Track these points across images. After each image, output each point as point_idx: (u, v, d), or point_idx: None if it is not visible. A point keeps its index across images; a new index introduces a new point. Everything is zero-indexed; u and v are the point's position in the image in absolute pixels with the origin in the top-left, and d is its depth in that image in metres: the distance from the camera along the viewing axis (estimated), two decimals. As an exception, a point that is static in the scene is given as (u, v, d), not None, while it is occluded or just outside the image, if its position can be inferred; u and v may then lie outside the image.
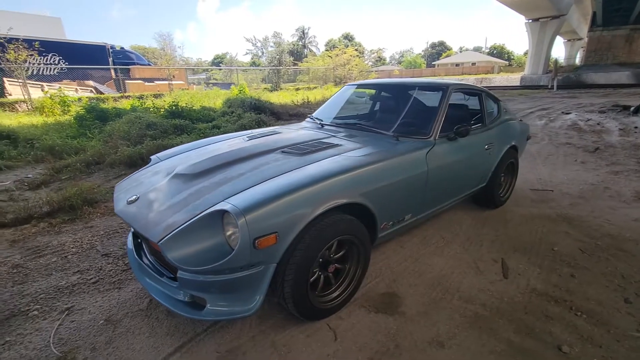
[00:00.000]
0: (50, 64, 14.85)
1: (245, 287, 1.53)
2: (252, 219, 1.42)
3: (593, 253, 2.49)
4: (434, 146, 2.30)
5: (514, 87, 23.21)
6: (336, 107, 3.11)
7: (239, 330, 1.76)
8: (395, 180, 1.98)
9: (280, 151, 2.12)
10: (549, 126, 7.29)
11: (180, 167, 2.00)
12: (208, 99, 10.67)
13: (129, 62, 17.95)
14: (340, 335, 1.72)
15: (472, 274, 2.25)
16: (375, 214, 1.91)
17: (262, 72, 24.15)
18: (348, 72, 26.86)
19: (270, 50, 45.59)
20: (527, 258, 2.44)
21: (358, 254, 1.91)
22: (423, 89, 2.79)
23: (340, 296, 1.86)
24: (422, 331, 1.75)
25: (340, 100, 3.19)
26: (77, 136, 5.92)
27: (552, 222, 3.01)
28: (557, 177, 4.20)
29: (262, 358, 1.58)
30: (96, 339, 1.73)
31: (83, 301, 2.03)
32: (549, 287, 2.10)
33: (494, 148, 2.91)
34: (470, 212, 3.24)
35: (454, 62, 54.85)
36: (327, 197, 1.63)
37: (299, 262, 1.57)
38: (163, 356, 1.61)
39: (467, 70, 47.27)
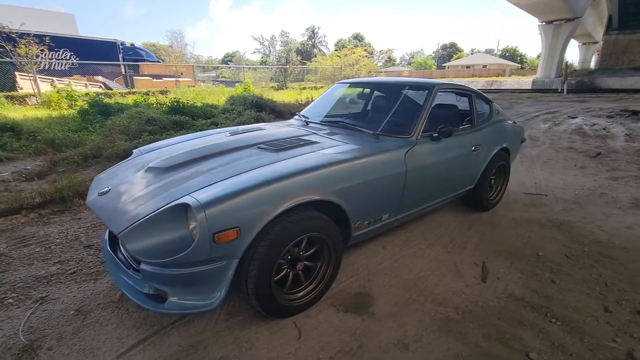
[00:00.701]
0: (61, 59, 15.17)
1: (207, 281, 1.53)
2: (212, 214, 1.41)
3: (578, 259, 2.43)
4: (414, 146, 2.26)
5: (524, 90, 22.85)
6: (324, 105, 3.09)
7: (205, 325, 1.76)
8: (370, 179, 1.96)
9: (257, 147, 2.11)
10: (552, 130, 7.15)
11: (154, 160, 2.01)
12: (212, 96, 10.73)
13: (138, 59, 18.19)
14: (305, 333, 1.71)
15: (450, 277, 2.21)
16: (348, 212, 1.89)
17: (270, 71, 24.22)
18: (356, 72, 26.82)
19: (278, 49, 45.74)
20: (509, 262, 2.39)
21: (329, 253, 1.89)
22: (410, 88, 2.76)
23: (309, 295, 1.85)
24: (388, 332, 1.72)
25: (329, 98, 3.17)
26: (79, 130, 6.01)
27: (541, 227, 2.94)
28: (553, 181, 4.11)
29: (222, 353, 1.58)
30: (64, 328, 1.75)
31: (58, 291, 2.06)
32: (526, 293, 2.05)
33: (482, 149, 2.86)
34: (459, 214, 3.19)
35: (465, 64, 54.26)
36: (293, 194, 1.62)
37: (262, 258, 1.57)
38: (126, 348, 1.62)
39: (478, 73, 46.73)
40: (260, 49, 46.88)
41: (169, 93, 11.79)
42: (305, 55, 43.06)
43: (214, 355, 1.56)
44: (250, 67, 30.99)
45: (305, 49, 47.45)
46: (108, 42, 16.87)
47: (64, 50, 15.07)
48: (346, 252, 2.45)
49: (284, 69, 21.33)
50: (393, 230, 2.77)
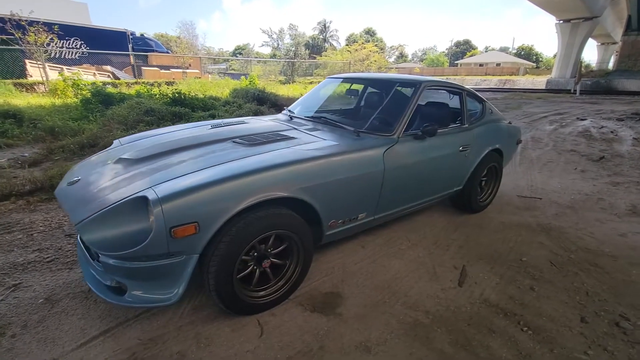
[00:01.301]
0: (72, 47, 15.32)
1: (166, 276, 1.52)
2: (169, 208, 1.39)
3: (563, 267, 2.35)
4: (395, 144, 2.21)
5: (537, 90, 22.37)
6: (312, 100, 3.04)
7: (169, 319, 1.75)
8: (344, 177, 1.92)
9: (232, 141, 2.08)
10: (557, 132, 6.97)
11: (127, 152, 1.99)
12: (217, 88, 10.74)
13: (147, 49, 18.29)
14: (267, 332, 1.69)
15: (426, 279, 2.17)
16: (319, 211, 1.85)
17: (278, 65, 24.12)
18: (366, 67, 26.56)
19: (286, 42, 45.53)
20: (490, 267, 2.33)
21: (298, 251, 1.86)
22: (397, 85, 2.69)
23: (276, 293, 1.82)
24: (352, 334, 1.69)
25: (318, 94, 3.12)
26: (80, 119, 6.07)
27: (530, 231, 2.86)
28: (550, 185, 4.00)
29: (180, 349, 1.57)
30: (30, 316, 1.76)
31: (32, 279, 2.07)
32: (502, 299, 1.99)
33: (471, 150, 2.79)
34: (447, 215, 3.13)
35: (478, 62, 53.28)
36: (258, 190, 1.59)
37: (222, 254, 1.54)
38: (86, 339, 1.62)
39: (491, 71, 45.83)
40: (269, 42, 46.78)
41: (175, 84, 11.84)
42: (315, 50, 42.81)
43: (171, 351, 1.55)
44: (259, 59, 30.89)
45: (316, 43, 47.12)
46: (118, 32, 16.99)
47: (74, 39, 15.21)
48: (323, 250, 2.42)
49: (292, 63, 21.19)
50: (375, 230, 2.73)
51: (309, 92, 3.19)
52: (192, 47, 40.47)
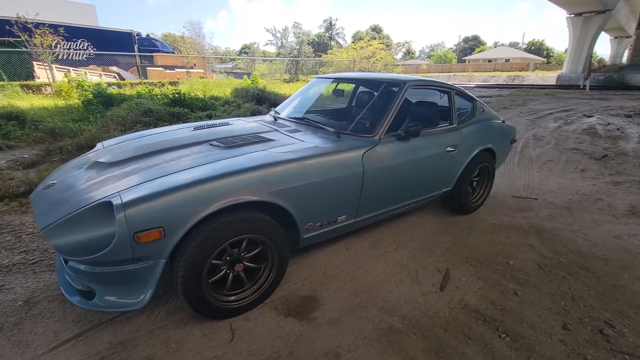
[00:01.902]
0: (79, 49, 15.55)
1: (134, 281, 1.51)
2: (132, 214, 1.39)
3: (551, 270, 2.29)
4: (375, 145, 2.17)
5: (546, 86, 21.92)
6: (299, 101, 3.01)
7: (142, 323, 1.75)
8: (320, 180, 1.89)
9: (209, 143, 2.07)
10: (561, 129, 6.81)
11: (104, 155, 2.00)
12: (219, 87, 10.77)
13: (153, 50, 18.46)
14: (238, 337, 1.68)
15: (407, 283, 2.13)
16: (293, 214, 1.83)
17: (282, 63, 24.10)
18: (372, 65, 26.38)
19: (290, 41, 45.48)
20: (475, 270, 2.28)
21: (272, 255, 1.84)
22: (381, 85, 2.64)
23: (248, 297, 1.81)
24: (324, 340, 1.67)
25: (306, 94, 3.09)
26: (80, 120, 6.14)
27: (521, 233, 2.80)
28: (548, 184, 3.91)
29: (149, 353, 1.56)
30: (8, 319, 1.77)
31: (15, 281, 2.10)
32: (483, 304, 1.95)
33: (460, 150, 2.73)
34: (437, 216, 3.07)
35: (486, 58, 52.49)
36: (226, 195, 1.57)
37: (189, 259, 1.53)
38: (58, 342, 1.63)
39: (500, 67, 45.09)
40: (273, 41, 46.77)
41: (178, 84, 11.92)
42: (321, 48, 42.66)
43: (140, 355, 1.55)
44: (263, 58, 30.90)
45: (322, 40, 46.96)
46: (124, 33, 17.17)
47: (81, 40, 15.42)
48: (307, 252, 2.40)
49: (296, 61, 21.16)
50: (362, 231, 2.70)
51: (296, 92, 3.16)
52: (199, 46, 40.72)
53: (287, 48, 42.78)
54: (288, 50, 41.73)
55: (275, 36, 46.36)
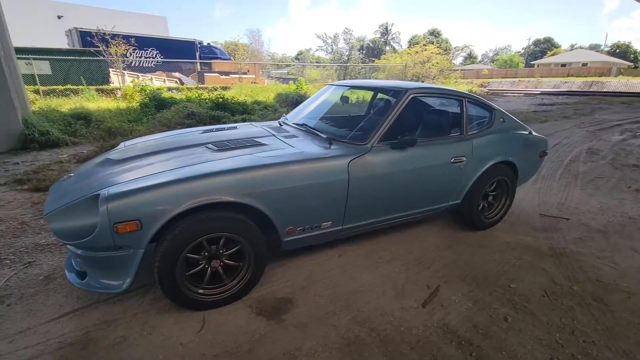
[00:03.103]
0: (149, 57, 17.33)
1: (117, 267, 1.69)
2: (114, 206, 1.56)
3: (558, 298, 2.07)
4: (365, 153, 2.15)
5: (627, 93, 19.37)
6: (309, 107, 3.07)
7: (130, 305, 1.93)
8: (300, 185, 1.93)
9: (205, 146, 2.22)
10: (625, 143, 6.00)
11: (115, 154, 2.24)
12: (265, 92, 11.26)
13: (212, 57, 19.86)
14: (206, 328, 1.78)
15: (390, 296, 2.07)
16: (271, 217, 1.89)
17: (332, 69, 24.38)
18: (427, 70, 25.61)
19: (340, 46, 45.75)
20: (469, 290, 2.14)
21: (249, 255, 1.92)
22: (385, 91, 2.61)
23: (223, 293, 1.90)
24: (286, 342, 1.70)
25: (317, 100, 3.14)
26: (135, 120, 6.86)
27: (537, 255, 2.55)
28: (588, 204, 3.50)
29: (125, 333, 1.73)
30: (28, 290, 2.07)
31: (45, 259, 2.43)
32: (464, 326, 1.83)
33: (469, 161, 2.58)
34: (445, 230, 2.93)
35: (560, 62, 47.91)
36: (201, 194, 1.68)
37: (164, 251, 1.67)
38: (59, 314, 1.86)
39: (575, 72, 40.80)
40: (323, 47, 47.50)
41: (229, 89, 12.70)
42: (375, 53, 42.35)
43: (117, 334, 1.72)
44: (314, 64, 31.47)
45: (377, 46, 46.60)
46: (188, 42, 18.74)
47: (151, 49, 17.18)
48: (296, 255, 2.45)
49: (345, 67, 21.29)
50: (360, 239, 2.68)
51: (309, 99, 3.23)
52: (257, 53, 42.81)
53: (337, 54, 43.23)
54: (337, 56, 42.15)
55: (325, 42, 47.11)
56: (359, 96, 5.42)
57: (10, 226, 2.89)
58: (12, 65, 5.62)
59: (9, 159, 4.81)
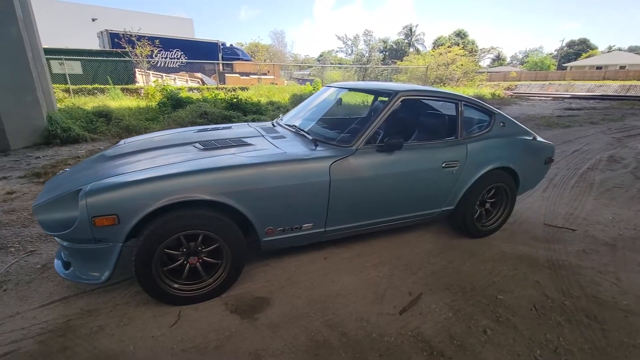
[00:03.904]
0: (173, 58, 17.90)
1: (97, 259, 1.76)
2: (92, 201, 1.63)
3: (546, 313, 1.97)
4: (348, 156, 2.13)
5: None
6: (304, 109, 3.08)
7: (112, 297, 2.00)
8: (278, 185, 1.93)
9: (193, 145, 2.27)
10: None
11: (110, 150, 2.34)
12: (282, 93, 11.38)
13: (234, 58, 20.28)
14: (180, 323, 1.82)
15: (368, 301, 2.04)
16: (249, 216, 1.91)
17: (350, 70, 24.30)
18: (451, 72, 25.09)
19: (360, 48, 45.50)
20: (452, 299, 2.08)
21: (226, 253, 1.94)
22: (376, 93, 2.57)
23: (200, 289, 1.94)
24: (254, 341, 1.71)
25: (313, 102, 3.14)
26: (152, 119, 7.10)
27: (532, 266, 2.44)
28: (600, 215, 3.30)
29: (103, 323, 1.79)
30: (24, 277, 2.19)
31: (46, 248, 2.57)
32: (439, 337, 1.78)
33: (463, 166, 2.50)
34: (439, 236, 2.85)
35: (595, 65, 45.56)
36: (178, 192, 1.72)
37: (141, 246, 1.72)
38: (48, 301, 1.96)
39: (612, 75, 38.60)
40: (343, 48, 47.42)
41: (247, 89, 12.92)
42: (398, 54, 41.84)
43: (95, 323, 1.79)
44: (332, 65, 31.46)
45: (400, 47, 46.02)
46: (211, 43, 19.22)
47: (175, 50, 17.74)
48: (280, 256, 2.46)
49: (365, 69, 21.17)
50: (348, 242, 2.66)
51: (306, 100, 3.24)
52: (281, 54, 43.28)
53: (357, 55, 43.02)
54: (357, 57, 41.94)
55: (345, 44, 47.04)
56: (365, 99, 5.38)
57: (20, 216, 3.07)
58: (40, 66, 5.96)
59: (32, 153, 5.11)
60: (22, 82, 5.21)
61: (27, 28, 5.62)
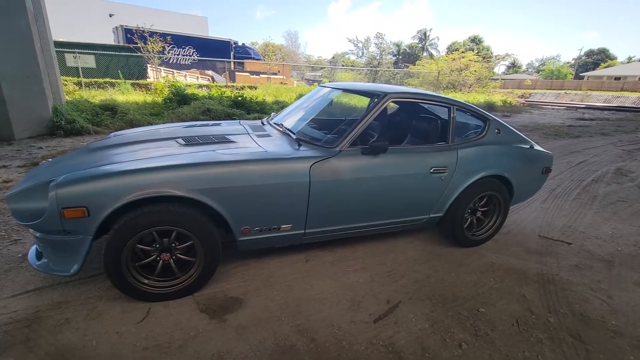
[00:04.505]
0: (186, 55, 18.08)
1: (67, 251, 1.75)
2: (62, 193, 1.61)
3: (528, 329, 1.89)
4: (331, 157, 2.08)
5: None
6: (296, 108, 3.04)
7: (85, 290, 1.99)
8: (256, 184, 1.89)
9: (175, 140, 2.25)
10: (663, 165, 5.42)
11: (96, 143, 2.33)
12: (289, 93, 11.38)
13: (246, 57, 20.37)
14: (148, 320, 1.79)
15: (344, 307, 1.99)
16: (223, 214, 1.88)
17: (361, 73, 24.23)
18: (463, 78, 24.82)
19: (371, 51, 45.34)
20: (431, 310, 2.01)
21: (200, 252, 1.91)
22: (366, 95, 2.51)
23: (173, 287, 1.91)
24: (220, 342, 1.67)
25: (306, 101, 3.10)
26: (157, 114, 7.16)
27: (520, 279, 2.35)
28: (599, 229, 3.18)
29: (71, 316, 1.78)
30: (3, 266, 2.19)
31: (30, 238, 2.57)
32: (412, 348, 1.71)
33: (453, 173, 2.43)
34: (428, 244, 2.78)
35: (613, 75, 44.51)
36: (148, 187, 1.69)
37: (111, 240, 1.71)
38: (22, 291, 1.95)
39: (631, 86, 37.58)
40: (354, 51, 47.26)
41: (256, 89, 12.96)
42: (412, 59, 41.55)
43: (63, 315, 1.77)
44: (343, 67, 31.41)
45: (413, 51, 45.70)
46: (223, 41, 19.37)
47: (188, 47, 17.92)
48: (261, 256, 2.42)
49: (375, 71, 21.06)
50: (333, 246, 2.61)
51: (300, 99, 3.20)
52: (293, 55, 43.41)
53: (368, 58, 42.88)
54: (368, 60, 41.79)
55: (356, 46, 46.91)
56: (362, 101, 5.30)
57: (12, 205, 3.09)
58: (49, 58, 6.07)
59: (35, 143, 5.19)
60: (29, 72, 5.29)
61: (37, 20, 5.72)
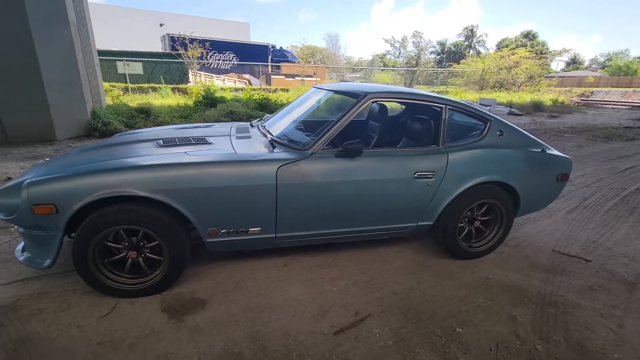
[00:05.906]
0: (226, 60, 18.89)
1: (42, 245, 1.86)
2: (33, 190, 1.73)
3: (507, 356, 1.67)
4: (301, 159, 2.01)
5: None
6: (288, 110, 2.99)
7: (65, 283, 2.10)
8: (220, 185, 1.88)
9: (156, 142, 2.31)
10: None
11: (93, 144, 2.47)
12: (318, 95, 11.37)
13: (283, 60, 20.82)
14: (111, 315, 1.84)
15: (307, 316, 1.90)
16: (188, 216, 1.89)
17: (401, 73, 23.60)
18: (513, 76, 23.31)
19: (408, 50, 43.90)
20: (402, 325, 1.86)
21: (165, 251, 1.94)
22: (348, 95, 2.40)
23: (139, 284, 1.96)
24: (170, 343, 1.67)
25: (299, 103, 3.04)
26: (186, 117, 7.52)
27: (515, 299, 2.10)
28: (631, 246, 2.76)
29: (45, 307, 1.88)
30: (5, 256, 2.38)
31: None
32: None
33: (443, 178, 2.24)
34: (419, 254, 2.59)
35: (697, 70, 39.00)
36: (112, 186, 1.74)
37: (77, 237, 1.79)
38: (13, 280, 2.11)
39: None
40: (390, 51, 46.06)
41: (289, 91, 13.16)
42: (457, 57, 39.76)
43: (38, 306, 1.88)
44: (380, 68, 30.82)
45: (459, 50, 43.68)
46: (261, 46, 19.96)
47: (228, 52, 18.71)
48: (239, 259, 2.42)
49: (413, 71, 20.43)
50: (316, 251, 2.53)
51: (294, 100, 3.15)
52: (334, 57, 43.55)
53: (406, 58, 41.67)
54: (406, 60, 40.61)
55: (393, 46, 45.75)
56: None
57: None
58: (91, 66, 6.62)
59: (73, 143, 5.69)
60: (71, 80, 5.82)
61: (81, 31, 6.28)
